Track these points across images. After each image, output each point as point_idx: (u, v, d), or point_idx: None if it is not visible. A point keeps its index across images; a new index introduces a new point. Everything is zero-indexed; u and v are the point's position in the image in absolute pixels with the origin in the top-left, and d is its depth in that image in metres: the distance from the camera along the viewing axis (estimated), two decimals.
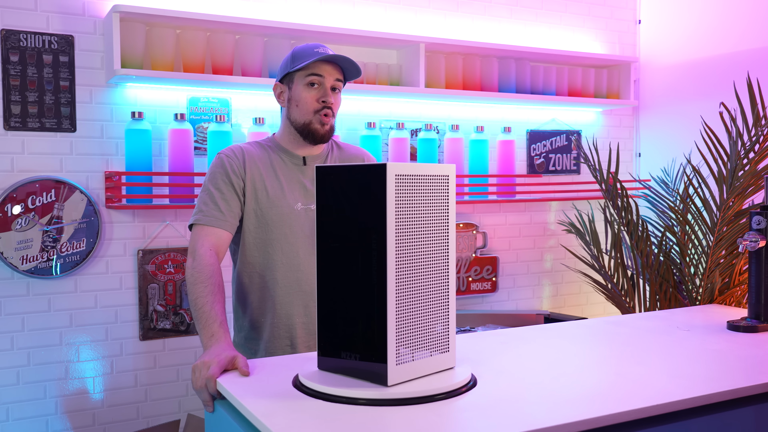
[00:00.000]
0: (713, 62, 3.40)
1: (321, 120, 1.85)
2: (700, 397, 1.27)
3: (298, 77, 1.85)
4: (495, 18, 3.41)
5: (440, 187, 1.31)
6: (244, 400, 1.25)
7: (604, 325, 1.92)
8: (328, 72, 1.85)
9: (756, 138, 2.56)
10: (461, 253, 3.34)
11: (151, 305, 2.72)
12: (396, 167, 1.24)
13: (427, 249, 1.30)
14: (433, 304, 1.32)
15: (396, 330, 1.25)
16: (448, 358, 1.36)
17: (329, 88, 1.85)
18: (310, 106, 1.84)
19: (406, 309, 1.27)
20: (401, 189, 1.25)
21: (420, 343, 1.30)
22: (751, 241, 1.82)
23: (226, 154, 1.87)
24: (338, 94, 1.89)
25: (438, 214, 1.31)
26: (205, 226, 1.77)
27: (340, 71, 1.88)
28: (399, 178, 1.24)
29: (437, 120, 3.29)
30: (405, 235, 1.26)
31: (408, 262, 1.27)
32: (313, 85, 1.84)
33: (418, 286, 1.29)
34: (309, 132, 1.86)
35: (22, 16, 2.50)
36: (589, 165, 2.99)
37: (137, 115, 2.61)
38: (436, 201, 1.31)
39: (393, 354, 1.25)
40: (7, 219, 2.45)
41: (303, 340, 1.86)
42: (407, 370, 1.28)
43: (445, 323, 1.34)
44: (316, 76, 1.83)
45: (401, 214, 1.25)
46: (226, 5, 2.81)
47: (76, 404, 2.62)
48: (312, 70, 1.84)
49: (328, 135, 1.88)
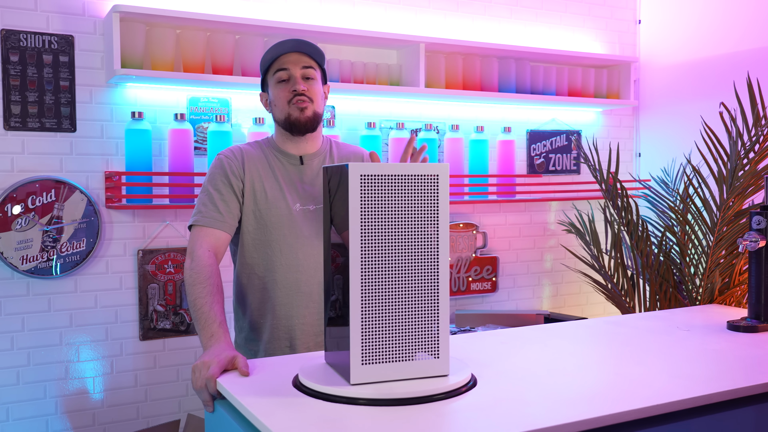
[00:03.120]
0: (713, 62, 3.40)
1: (298, 107, 1.83)
2: (699, 397, 1.27)
3: (270, 79, 1.87)
4: (495, 18, 3.41)
5: (425, 187, 1.28)
6: (244, 400, 1.25)
7: (604, 325, 1.92)
8: (293, 62, 1.84)
9: (756, 138, 2.56)
10: (461, 253, 3.34)
11: (151, 305, 2.72)
12: (360, 168, 1.24)
13: (408, 251, 1.27)
14: (416, 307, 1.28)
15: (361, 329, 1.25)
16: (438, 365, 1.30)
17: (299, 77, 1.84)
18: (283, 99, 1.85)
19: (374, 309, 1.26)
20: (367, 189, 1.24)
21: (396, 346, 1.28)
22: (751, 241, 1.82)
23: (226, 155, 1.87)
24: (313, 82, 1.86)
25: (423, 214, 1.28)
26: (204, 227, 1.77)
27: (309, 57, 1.86)
28: (364, 178, 1.24)
29: (437, 120, 3.29)
30: (374, 235, 1.25)
31: (378, 263, 1.25)
32: (282, 81, 1.85)
33: (393, 287, 1.27)
34: (291, 124, 1.85)
35: (22, 16, 2.50)
36: (589, 165, 2.99)
37: (137, 115, 2.61)
38: (419, 201, 1.27)
39: (357, 353, 1.25)
40: (7, 219, 2.45)
41: (302, 342, 1.86)
42: (378, 372, 1.27)
43: (432, 328, 1.30)
44: (282, 71, 1.84)
45: (369, 213, 1.24)
46: (226, 5, 2.81)
47: (76, 404, 2.62)
48: (277, 66, 1.84)
49: (311, 122, 1.86)
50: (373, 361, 1.27)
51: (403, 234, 1.27)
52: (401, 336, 1.28)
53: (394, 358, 1.28)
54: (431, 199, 1.28)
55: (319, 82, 1.89)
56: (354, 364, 1.26)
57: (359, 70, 2.98)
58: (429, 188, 1.28)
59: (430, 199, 1.28)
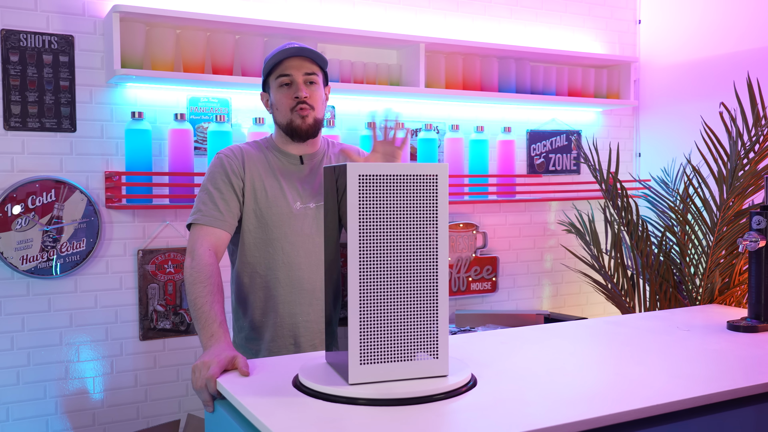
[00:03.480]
0: (713, 62, 3.40)
1: (300, 115, 1.84)
2: (699, 397, 1.27)
3: (272, 82, 1.87)
4: (495, 18, 3.41)
5: (424, 187, 1.28)
6: (244, 400, 1.25)
7: (604, 325, 1.92)
8: (296, 67, 1.84)
9: (756, 138, 2.56)
10: (461, 253, 3.34)
11: (151, 305, 2.72)
12: (358, 167, 1.24)
13: (406, 251, 1.27)
14: (415, 307, 1.28)
15: (359, 329, 1.25)
16: (437, 366, 1.30)
17: (301, 83, 1.84)
18: (286, 106, 1.85)
19: (373, 310, 1.26)
20: (366, 189, 1.24)
21: (395, 346, 1.28)
22: (751, 241, 1.82)
23: (226, 154, 1.87)
24: (316, 86, 1.87)
25: (422, 214, 1.28)
26: (204, 226, 1.77)
27: (312, 62, 1.86)
28: (363, 177, 1.24)
29: (437, 120, 3.29)
30: (374, 235, 1.25)
31: (376, 263, 1.26)
32: (284, 85, 1.84)
33: (391, 288, 1.27)
34: (292, 130, 1.86)
35: (22, 16, 2.50)
36: (589, 165, 2.99)
37: (137, 115, 2.61)
38: (418, 201, 1.27)
39: (356, 353, 1.26)
40: (7, 219, 2.45)
41: (307, 339, 1.86)
42: (376, 372, 1.27)
43: (431, 328, 1.30)
44: (285, 76, 1.84)
45: (367, 213, 1.25)
46: (226, 5, 2.81)
47: (76, 404, 2.62)
48: (280, 71, 1.84)
49: (312, 129, 1.87)
50: (371, 361, 1.27)
51: (402, 234, 1.27)
52: (400, 336, 1.28)
53: (392, 359, 1.28)
54: (430, 198, 1.28)
55: (321, 86, 1.89)
56: (352, 364, 1.26)
57: (359, 70, 2.98)
58: (428, 188, 1.28)
59: (429, 198, 1.28)
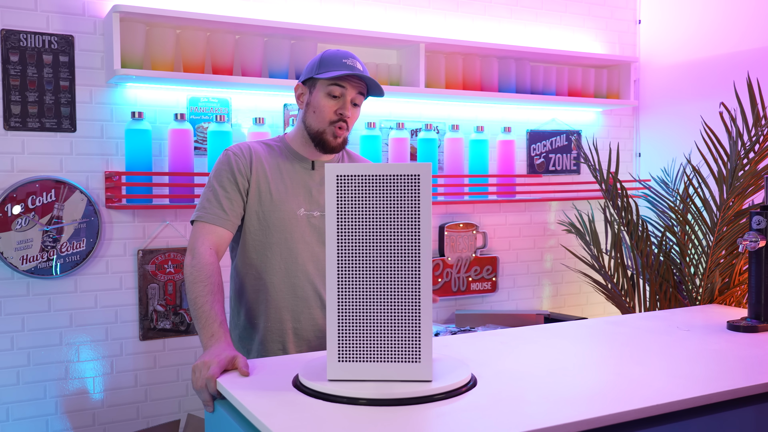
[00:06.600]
0: (713, 62, 3.40)
1: (335, 132, 1.82)
2: (699, 397, 1.27)
3: (321, 84, 1.82)
4: (495, 18, 3.41)
5: (405, 188, 1.27)
6: (244, 400, 1.25)
7: (604, 325, 1.92)
8: (352, 85, 1.81)
9: (756, 138, 2.56)
10: (461, 253, 3.34)
11: (151, 305, 2.72)
12: (336, 168, 1.25)
13: (388, 251, 1.27)
14: (396, 309, 1.28)
15: (338, 326, 1.27)
16: (420, 369, 1.28)
17: (349, 101, 1.82)
18: (326, 115, 1.81)
19: (352, 308, 1.27)
20: (344, 189, 1.25)
21: (375, 346, 1.28)
22: (751, 241, 1.82)
23: (234, 151, 1.84)
24: (357, 108, 1.86)
25: (404, 214, 1.27)
26: (206, 224, 1.76)
27: (364, 85, 1.84)
28: (340, 178, 1.25)
29: (437, 120, 3.29)
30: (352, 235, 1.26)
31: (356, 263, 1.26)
32: (333, 95, 1.81)
33: (372, 287, 1.27)
34: (321, 141, 1.83)
35: (22, 16, 2.50)
36: (589, 165, 2.99)
37: (137, 115, 2.61)
38: (400, 201, 1.27)
39: (334, 350, 1.28)
40: (7, 219, 2.45)
41: (295, 346, 1.84)
42: (355, 370, 1.28)
43: (413, 331, 1.28)
44: (339, 87, 1.80)
45: (345, 213, 1.25)
46: (226, 5, 2.81)
47: (76, 404, 2.62)
48: (336, 80, 1.80)
49: (339, 147, 1.85)
50: (349, 359, 1.28)
51: (383, 234, 1.27)
52: (380, 336, 1.28)
53: (372, 359, 1.28)
54: (412, 199, 1.27)
55: (359, 109, 1.88)
56: (331, 360, 1.28)
57: None
58: (410, 188, 1.27)
59: (411, 198, 1.27)
